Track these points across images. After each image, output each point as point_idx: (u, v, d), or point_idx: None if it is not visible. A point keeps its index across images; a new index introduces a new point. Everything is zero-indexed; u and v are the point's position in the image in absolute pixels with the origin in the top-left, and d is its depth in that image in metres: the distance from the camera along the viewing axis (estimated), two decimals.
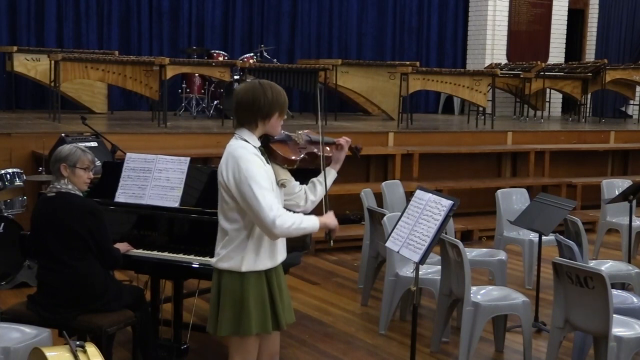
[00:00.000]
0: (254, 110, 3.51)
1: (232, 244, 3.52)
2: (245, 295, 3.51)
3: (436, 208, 4.11)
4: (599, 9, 15.21)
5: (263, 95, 3.51)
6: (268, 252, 3.56)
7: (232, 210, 3.50)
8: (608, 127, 11.98)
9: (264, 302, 3.55)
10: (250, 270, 3.51)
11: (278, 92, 3.58)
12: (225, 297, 3.54)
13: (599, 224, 8.17)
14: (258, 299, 3.53)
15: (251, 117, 3.53)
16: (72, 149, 4.28)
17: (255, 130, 3.55)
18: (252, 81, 3.61)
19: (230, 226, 3.52)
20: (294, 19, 13.32)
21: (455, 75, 10.93)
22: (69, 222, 4.14)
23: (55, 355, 3.27)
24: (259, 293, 3.54)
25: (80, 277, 4.15)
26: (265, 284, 3.56)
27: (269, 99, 3.52)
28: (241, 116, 3.55)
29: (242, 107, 3.53)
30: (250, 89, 3.54)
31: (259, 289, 3.54)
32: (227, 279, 3.54)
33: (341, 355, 5.26)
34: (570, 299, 4.50)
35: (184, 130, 9.12)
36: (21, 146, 7.67)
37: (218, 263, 3.57)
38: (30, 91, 11.53)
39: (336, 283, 7.00)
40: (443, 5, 14.50)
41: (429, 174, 9.49)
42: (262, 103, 3.51)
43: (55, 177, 4.24)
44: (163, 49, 12.28)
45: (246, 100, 3.51)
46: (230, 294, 3.53)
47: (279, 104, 3.58)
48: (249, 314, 3.51)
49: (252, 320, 3.52)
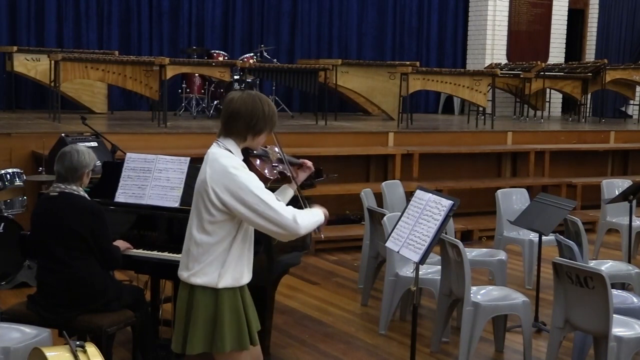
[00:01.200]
0: (249, 125, 3.37)
1: (208, 258, 3.35)
2: (219, 312, 3.36)
3: (436, 208, 4.11)
4: (599, 9, 15.21)
5: (261, 111, 3.37)
6: (247, 267, 3.43)
7: (213, 222, 3.33)
8: (608, 127, 11.98)
9: (239, 319, 3.40)
10: (227, 286, 3.35)
11: (273, 110, 3.44)
12: (197, 314, 3.37)
13: (599, 224, 8.17)
14: (233, 316, 3.38)
15: (243, 130, 3.38)
16: (89, 152, 4.29)
17: (241, 143, 3.41)
18: (249, 92, 3.46)
19: (207, 239, 3.35)
20: (294, 19, 13.32)
21: (455, 75, 10.93)
22: (71, 222, 4.14)
23: (55, 355, 3.27)
24: (234, 309, 3.39)
25: (80, 277, 4.15)
26: (239, 301, 3.41)
27: (265, 115, 3.39)
28: (232, 126, 3.38)
29: (238, 118, 3.36)
30: (250, 101, 3.38)
31: (235, 305, 3.39)
32: (200, 294, 3.37)
33: (341, 355, 5.26)
34: (570, 299, 4.50)
35: (184, 130, 9.12)
36: (21, 146, 7.67)
37: (191, 278, 3.38)
38: (30, 91, 11.53)
39: (336, 283, 7.00)
40: (443, 5, 14.50)
41: (429, 174, 9.48)
42: (259, 119, 3.37)
43: (66, 181, 4.22)
44: (163, 49, 12.27)
45: (245, 112, 3.36)
46: (204, 311, 3.36)
47: (272, 122, 3.44)
48: (223, 331, 3.35)
49: (227, 338, 3.36)
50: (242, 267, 3.41)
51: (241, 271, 3.41)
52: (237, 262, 3.39)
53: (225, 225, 3.35)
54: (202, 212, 3.36)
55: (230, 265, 3.37)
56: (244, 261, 3.42)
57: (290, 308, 6.15)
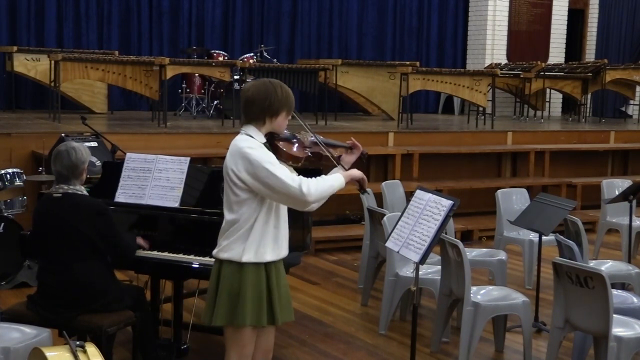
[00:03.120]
0: (264, 107, 3.56)
1: (235, 234, 3.55)
2: (242, 286, 3.54)
3: (436, 208, 4.11)
4: (599, 9, 15.21)
5: (274, 92, 3.57)
6: (271, 245, 3.59)
7: (238, 202, 3.53)
8: (608, 127, 11.98)
9: (260, 295, 3.57)
10: (250, 261, 3.54)
11: (287, 91, 3.64)
12: (223, 287, 3.57)
13: (599, 224, 8.17)
14: (255, 291, 3.56)
15: (260, 114, 3.57)
16: (84, 148, 4.30)
17: (262, 127, 3.60)
18: (262, 79, 3.66)
19: (234, 217, 3.55)
20: (294, 19, 13.32)
21: (455, 75, 10.93)
22: (76, 223, 4.14)
23: (55, 355, 3.27)
24: (256, 285, 3.56)
25: (81, 278, 4.15)
26: (264, 277, 3.58)
27: (279, 97, 3.58)
28: (250, 112, 3.59)
29: (252, 104, 3.56)
30: (261, 85, 3.58)
31: (257, 281, 3.57)
32: (226, 269, 3.58)
33: (341, 355, 5.26)
34: (570, 299, 4.50)
35: (184, 130, 9.12)
36: (21, 146, 7.67)
37: (219, 253, 3.61)
38: (30, 91, 11.53)
39: (336, 283, 7.00)
40: (443, 5, 14.50)
41: (429, 174, 9.49)
42: (272, 100, 3.57)
43: (68, 181, 4.22)
44: (163, 49, 12.28)
45: (258, 97, 3.55)
46: (228, 284, 3.56)
47: (288, 103, 3.63)
48: (245, 305, 3.53)
49: (247, 312, 3.54)
50: (265, 244, 3.57)
51: (264, 248, 3.57)
52: (260, 239, 3.56)
53: (250, 203, 3.53)
54: (229, 193, 3.57)
55: (254, 241, 3.54)
56: (268, 238, 3.59)
57: None
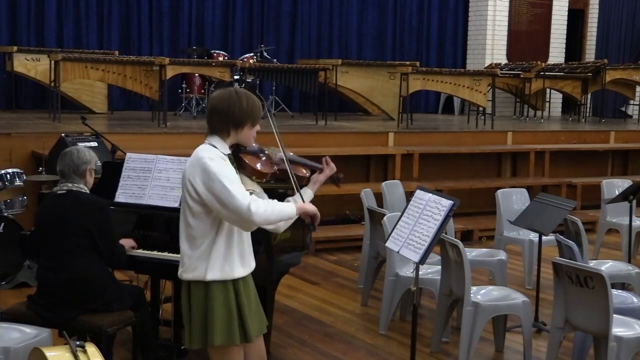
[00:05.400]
0: (227, 118, 3.46)
1: (196, 252, 3.43)
2: (210, 305, 3.42)
3: (436, 208, 4.11)
4: (599, 9, 15.20)
5: (238, 104, 3.45)
6: (238, 261, 3.47)
7: (194, 216, 3.41)
8: (608, 127, 11.98)
9: (230, 313, 3.44)
10: (215, 279, 3.41)
11: (253, 102, 3.51)
12: (193, 309, 3.46)
13: (599, 224, 8.17)
14: (224, 310, 3.43)
15: (223, 125, 3.47)
16: (89, 151, 4.34)
17: (227, 138, 3.49)
18: (228, 89, 3.55)
19: (192, 233, 3.43)
20: (294, 19, 13.32)
21: (455, 75, 10.92)
22: (78, 218, 4.17)
23: (55, 355, 3.27)
24: (225, 303, 3.43)
25: (81, 277, 4.16)
26: (232, 295, 3.45)
27: (243, 108, 3.46)
28: (214, 123, 3.49)
29: (216, 114, 3.47)
30: (225, 96, 3.48)
31: (226, 299, 3.43)
32: (194, 289, 3.46)
33: (341, 355, 5.26)
34: (570, 299, 4.50)
35: (184, 130, 9.12)
36: (21, 146, 7.66)
37: (183, 274, 3.49)
38: (30, 91, 11.52)
39: (336, 283, 7.00)
40: (443, 5, 14.50)
41: (429, 174, 9.49)
42: (235, 112, 3.45)
43: (71, 179, 4.25)
44: (163, 49, 12.27)
45: (220, 107, 3.46)
46: (197, 305, 3.45)
47: (253, 115, 3.50)
48: (214, 325, 3.41)
49: (217, 332, 3.42)
50: (231, 261, 3.44)
51: (231, 264, 3.44)
52: (224, 255, 3.43)
53: (206, 218, 3.40)
54: (185, 207, 3.45)
55: (218, 258, 3.42)
56: (234, 255, 3.46)
57: (290, 308, 6.15)
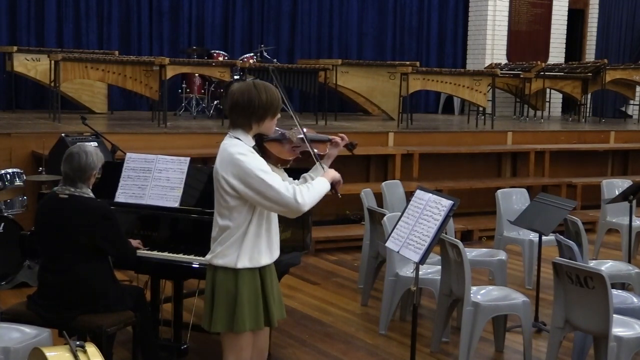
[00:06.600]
0: (248, 113, 3.52)
1: (228, 240, 3.53)
2: (239, 292, 3.53)
3: (436, 208, 4.11)
4: (599, 9, 15.20)
5: (258, 97, 3.51)
6: (265, 250, 3.59)
7: (229, 208, 3.51)
8: (608, 127, 11.98)
9: (257, 299, 3.57)
10: (245, 267, 3.53)
11: (272, 93, 3.57)
12: (219, 294, 3.56)
13: (599, 224, 8.17)
14: (252, 296, 3.55)
15: (245, 119, 3.54)
16: (97, 153, 4.29)
17: (249, 131, 3.57)
18: (247, 82, 3.59)
19: (227, 223, 3.53)
20: (294, 19, 13.32)
21: (455, 75, 10.92)
22: (79, 226, 4.13)
23: (55, 355, 3.27)
24: (252, 290, 3.56)
25: (82, 278, 4.15)
26: (259, 282, 3.58)
27: (263, 102, 3.52)
28: (235, 118, 3.56)
29: (237, 109, 3.53)
30: (245, 90, 3.53)
31: (253, 286, 3.56)
32: (221, 275, 3.56)
33: (341, 355, 5.26)
34: (570, 299, 4.50)
35: (184, 130, 9.12)
36: (21, 146, 7.66)
37: (213, 260, 3.59)
38: (30, 91, 11.52)
39: (336, 283, 7.00)
40: (443, 5, 14.50)
41: (429, 174, 9.49)
42: (256, 106, 3.51)
43: (75, 184, 4.21)
44: (163, 49, 12.27)
45: (241, 102, 3.51)
46: (224, 291, 3.55)
47: (273, 106, 3.57)
48: (243, 311, 3.53)
49: (246, 317, 3.54)
50: (259, 249, 3.56)
51: (259, 253, 3.56)
52: (254, 244, 3.54)
53: (241, 209, 3.50)
54: (219, 199, 3.55)
55: (248, 247, 3.53)
56: (262, 243, 3.57)
57: (290, 308, 6.14)
